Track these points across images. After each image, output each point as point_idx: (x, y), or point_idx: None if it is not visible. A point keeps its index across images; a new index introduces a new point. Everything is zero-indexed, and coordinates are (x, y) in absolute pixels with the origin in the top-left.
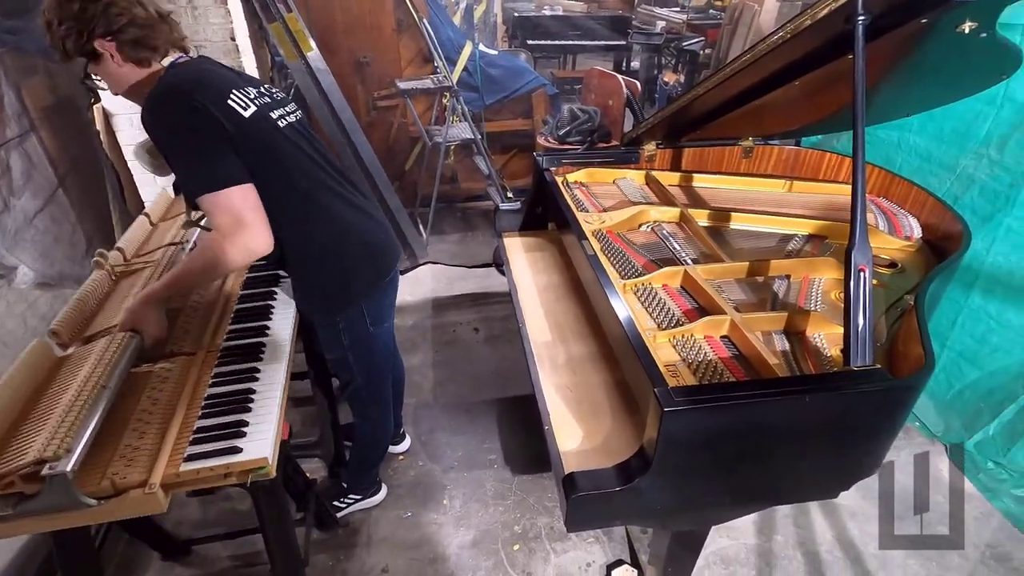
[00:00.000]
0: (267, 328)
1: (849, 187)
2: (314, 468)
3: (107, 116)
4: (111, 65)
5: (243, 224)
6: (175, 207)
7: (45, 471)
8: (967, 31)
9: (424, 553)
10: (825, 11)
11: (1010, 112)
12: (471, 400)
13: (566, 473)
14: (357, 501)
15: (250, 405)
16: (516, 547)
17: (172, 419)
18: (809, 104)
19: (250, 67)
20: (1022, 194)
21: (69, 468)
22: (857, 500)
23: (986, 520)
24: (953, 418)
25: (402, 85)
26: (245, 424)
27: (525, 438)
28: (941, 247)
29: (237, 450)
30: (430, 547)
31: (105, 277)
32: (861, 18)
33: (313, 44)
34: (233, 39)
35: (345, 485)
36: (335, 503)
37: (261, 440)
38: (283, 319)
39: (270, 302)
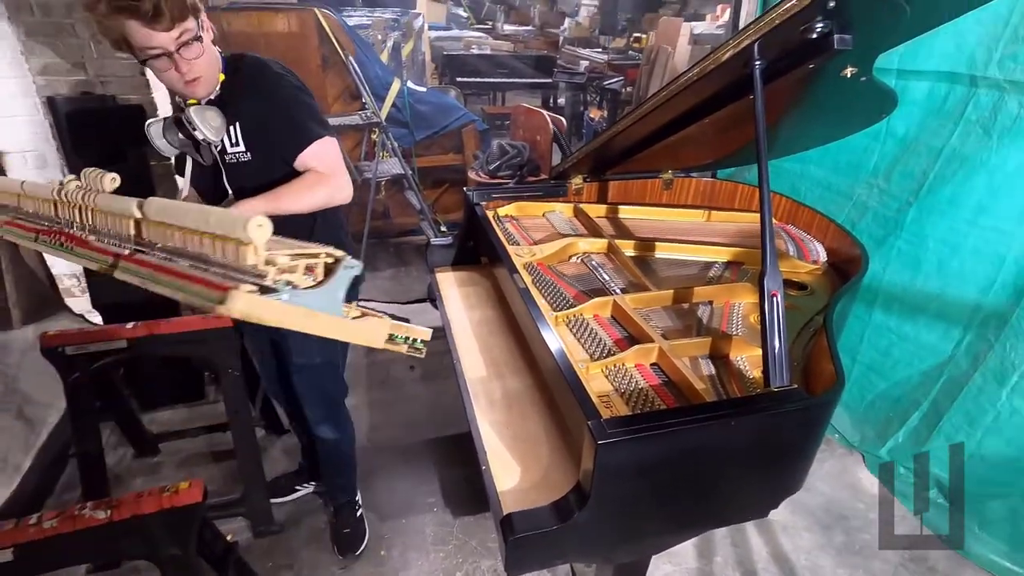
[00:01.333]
0: None
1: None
2: (236, 528)
3: None
4: (207, 38)
5: (334, 173)
6: None
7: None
8: (849, 75)
9: None
10: (727, 55)
11: (892, 146)
12: (408, 442)
13: (504, 514)
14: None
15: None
16: None
17: None
18: (721, 140)
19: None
20: (908, 218)
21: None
22: (788, 515)
23: (902, 523)
24: (867, 428)
25: (329, 121)
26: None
27: (465, 477)
28: (844, 269)
29: (406, 319)
30: None
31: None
32: (758, 63)
33: None
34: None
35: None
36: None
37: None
38: None
39: None
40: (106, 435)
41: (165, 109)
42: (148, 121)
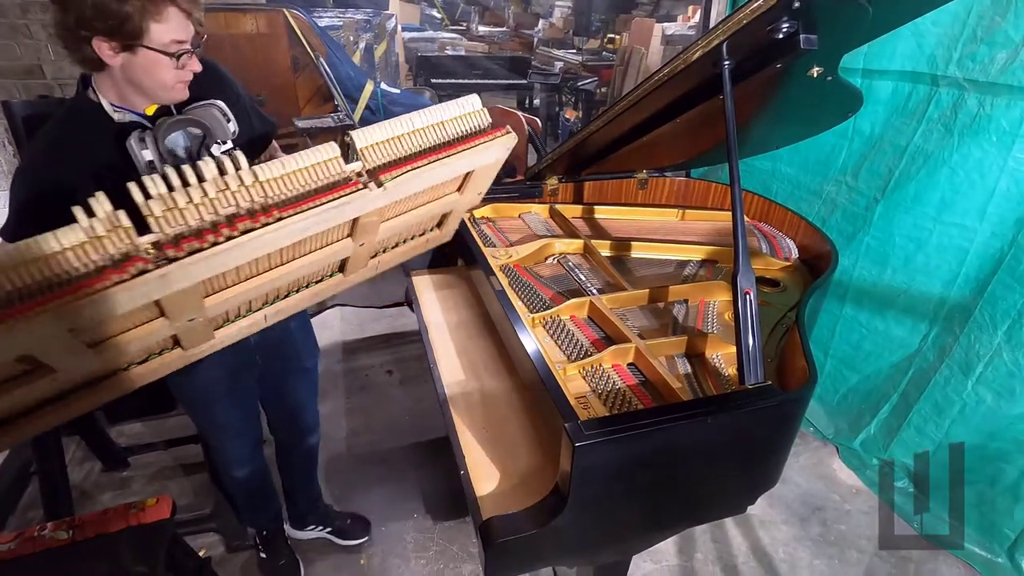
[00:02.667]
0: None
1: None
2: (209, 543)
3: None
4: None
5: None
6: None
7: None
8: (816, 75)
9: None
10: (697, 55)
11: (859, 144)
12: (388, 447)
13: (483, 520)
14: None
15: None
16: None
17: None
18: (694, 139)
19: None
20: (876, 215)
21: None
22: (764, 508)
23: (875, 513)
24: (840, 420)
25: (301, 124)
26: None
27: (446, 482)
28: (815, 265)
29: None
30: None
31: None
32: (726, 63)
33: None
34: None
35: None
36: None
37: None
38: None
39: None
40: (72, 449)
41: None
42: (137, 133)
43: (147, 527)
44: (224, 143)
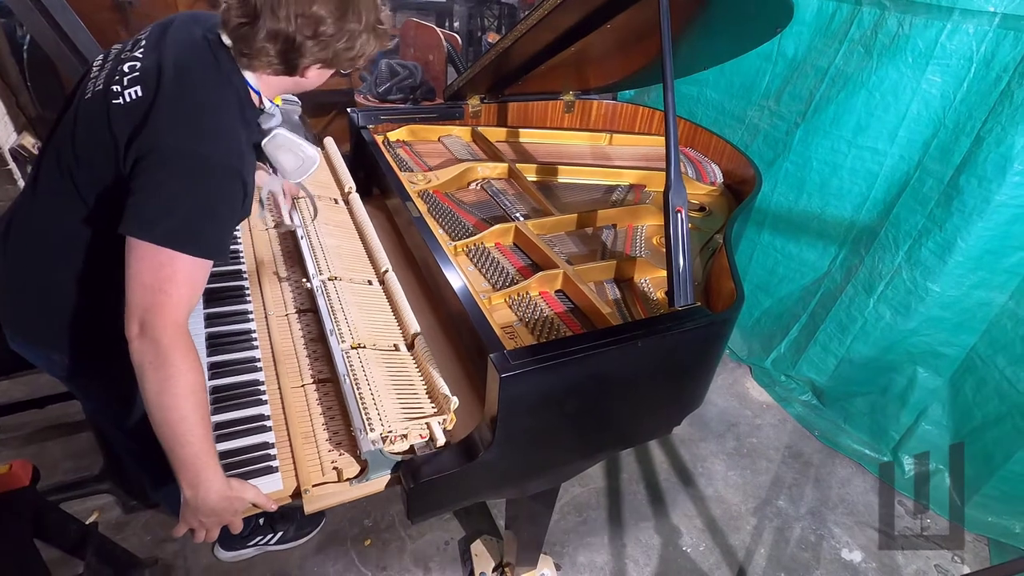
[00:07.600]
0: None
1: (662, 138)
2: (104, 504)
3: None
4: None
5: None
6: None
7: None
8: None
9: (260, 573)
10: None
11: (782, 67)
12: None
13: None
14: None
15: None
16: (367, 543)
17: None
18: (621, 57)
19: None
20: (795, 139)
21: None
22: (685, 427)
23: (783, 426)
24: (754, 342)
25: None
26: None
27: None
28: (739, 190)
29: None
30: (267, 565)
31: None
32: None
33: None
34: None
35: None
36: None
37: None
38: None
39: None
40: None
41: None
42: (277, 131)
43: (2, 498)
44: None
